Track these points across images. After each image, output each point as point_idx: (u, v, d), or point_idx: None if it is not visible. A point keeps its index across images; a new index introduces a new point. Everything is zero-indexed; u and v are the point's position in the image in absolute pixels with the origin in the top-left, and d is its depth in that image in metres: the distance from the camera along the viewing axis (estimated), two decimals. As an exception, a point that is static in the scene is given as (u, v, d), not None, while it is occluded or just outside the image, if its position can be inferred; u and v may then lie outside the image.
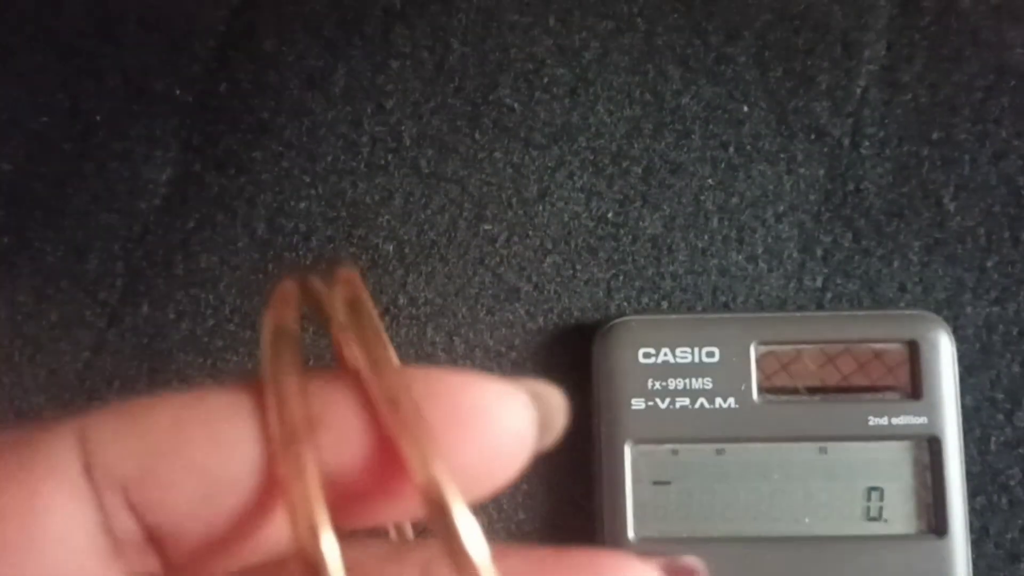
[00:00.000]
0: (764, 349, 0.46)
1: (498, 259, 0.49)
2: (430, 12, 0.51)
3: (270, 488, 0.20)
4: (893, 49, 0.50)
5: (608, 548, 0.40)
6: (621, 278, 0.49)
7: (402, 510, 0.21)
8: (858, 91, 0.50)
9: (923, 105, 0.50)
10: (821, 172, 0.49)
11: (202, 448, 0.20)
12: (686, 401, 0.45)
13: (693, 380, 0.45)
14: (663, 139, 0.50)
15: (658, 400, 0.45)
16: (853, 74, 0.50)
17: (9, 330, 0.49)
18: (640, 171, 0.50)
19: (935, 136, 0.49)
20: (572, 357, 0.48)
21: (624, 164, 0.50)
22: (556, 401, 0.22)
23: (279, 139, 0.50)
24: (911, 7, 0.50)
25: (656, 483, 0.45)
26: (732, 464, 0.45)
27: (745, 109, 0.50)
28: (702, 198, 0.49)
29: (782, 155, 0.49)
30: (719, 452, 0.45)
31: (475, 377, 0.21)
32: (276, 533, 0.20)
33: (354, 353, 0.21)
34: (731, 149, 0.50)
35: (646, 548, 0.44)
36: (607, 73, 0.50)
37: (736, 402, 0.45)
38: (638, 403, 0.45)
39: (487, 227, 0.49)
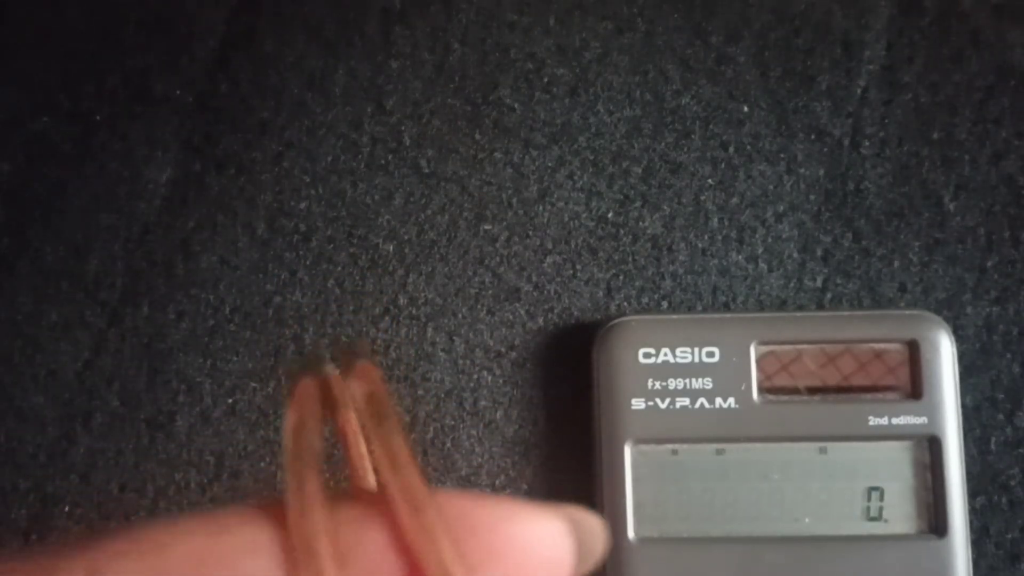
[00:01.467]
0: (764, 349, 0.45)
1: (498, 259, 0.49)
2: (430, 13, 0.51)
3: None
4: (893, 49, 0.50)
5: (614, 538, 0.44)
6: (621, 278, 0.49)
7: None
8: (858, 91, 0.50)
9: (923, 105, 0.50)
10: (821, 172, 0.49)
11: None
12: (686, 401, 0.45)
13: (693, 380, 0.45)
14: (663, 139, 0.50)
15: (658, 400, 0.45)
16: (853, 74, 0.50)
17: (9, 330, 0.49)
18: (640, 171, 0.50)
19: (935, 136, 0.49)
20: (572, 357, 0.48)
21: (624, 164, 0.50)
22: (594, 527, 0.22)
23: (279, 139, 0.50)
24: (911, 7, 0.50)
25: (656, 483, 0.45)
26: (732, 464, 0.45)
27: (745, 109, 0.50)
28: (702, 198, 0.49)
29: (782, 155, 0.49)
30: (719, 452, 0.45)
31: (511, 507, 0.20)
32: None
33: (376, 466, 0.21)
34: (731, 149, 0.50)
35: (646, 548, 0.44)
36: (607, 73, 0.50)
37: (736, 402, 0.45)
38: (638, 403, 0.45)
39: (487, 227, 0.49)
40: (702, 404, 0.45)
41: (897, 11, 0.50)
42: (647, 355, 0.45)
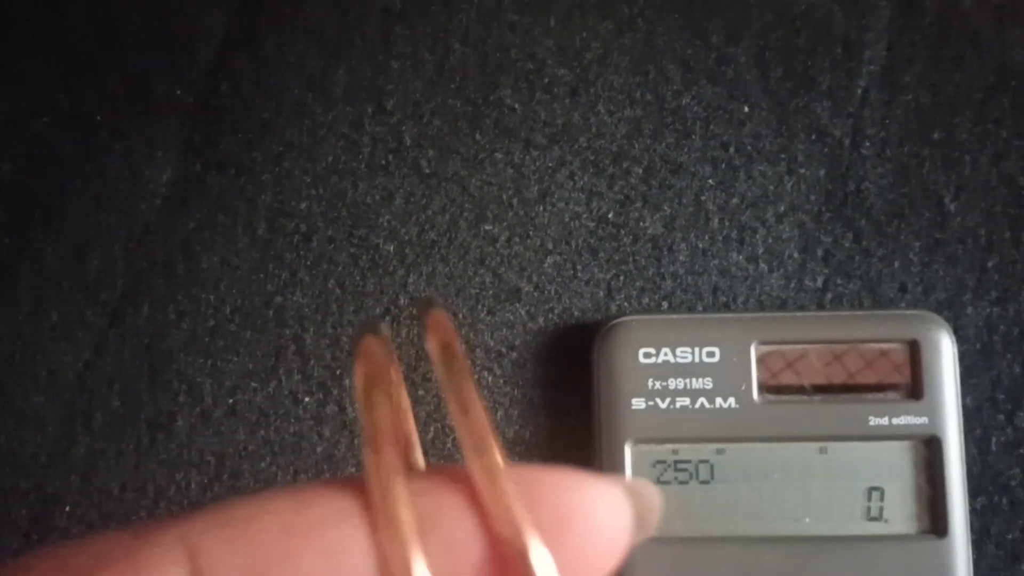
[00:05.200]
0: (765, 349, 0.45)
1: (499, 259, 0.49)
2: (430, 13, 0.51)
3: None
4: (894, 50, 0.50)
5: None
6: (622, 278, 0.49)
7: None
8: (859, 92, 0.50)
9: (924, 106, 0.50)
10: (822, 172, 0.49)
11: (313, 558, 0.20)
12: (686, 401, 0.45)
13: (693, 380, 0.45)
14: (664, 139, 0.50)
15: (658, 400, 0.45)
16: (854, 75, 0.50)
17: (10, 331, 0.49)
18: (641, 171, 0.50)
19: (936, 136, 0.49)
20: (572, 357, 0.48)
21: (625, 164, 0.50)
22: (651, 497, 0.23)
23: (280, 140, 0.50)
24: (912, 8, 0.50)
25: (657, 483, 0.45)
26: (732, 464, 0.45)
27: (746, 109, 0.50)
28: (703, 198, 0.49)
29: (783, 155, 0.49)
30: (719, 452, 0.45)
31: (576, 477, 0.21)
32: None
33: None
34: (732, 149, 0.50)
35: (647, 547, 0.44)
36: (608, 74, 0.50)
37: (736, 402, 0.45)
38: (638, 403, 0.45)
39: (488, 227, 0.49)
40: (702, 404, 0.45)
41: (898, 12, 0.50)
42: (647, 355, 0.45)
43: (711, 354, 0.45)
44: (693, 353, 0.45)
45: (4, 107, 0.51)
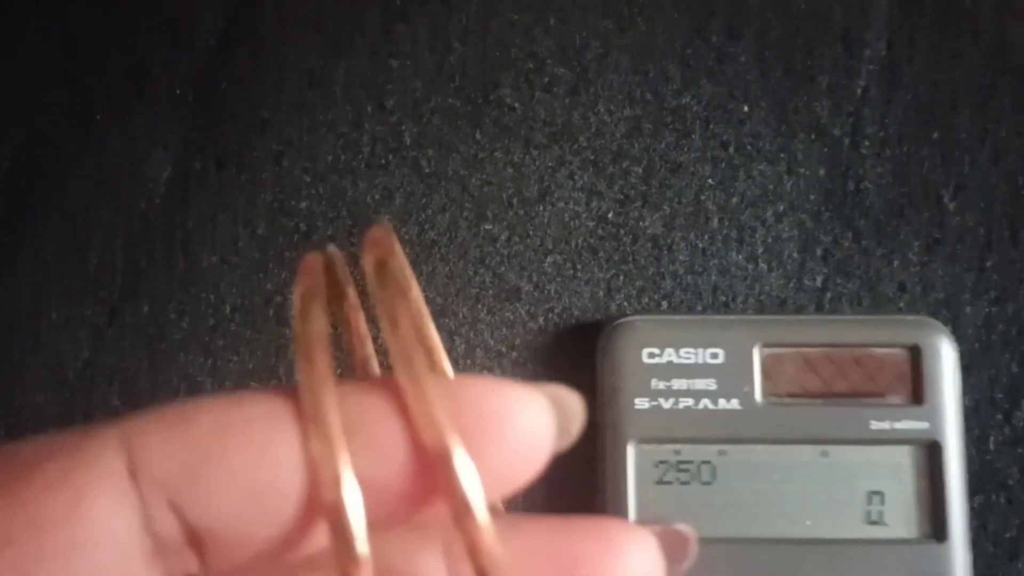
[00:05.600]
0: (768, 352, 0.45)
1: (499, 259, 0.49)
2: (430, 11, 0.51)
3: (310, 493, 0.21)
4: (893, 47, 0.50)
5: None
6: (621, 278, 0.49)
7: (430, 512, 0.22)
8: (858, 90, 0.50)
9: (923, 104, 0.50)
10: (821, 172, 0.49)
11: (246, 454, 0.21)
12: (690, 401, 0.45)
13: (697, 381, 0.45)
14: (663, 139, 0.50)
15: (662, 400, 0.45)
16: (853, 73, 0.50)
17: (9, 328, 0.49)
18: (640, 171, 0.50)
19: (935, 135, 0.49)
20: (573, 356, 0.48)
21: (624, 164, 0.50)
22: (574, 405, 0.24)
23: (279, 138, 0.50)
24: (911, 5, 0.50)
25: (659, 483, 0.45)
26: (734, 465, 0.45)
27: (745, 108, 0.50)
28: (702, 198, 0.49)
29: (782, 155, 0.49)
30: (721, 453, 0.45)
31: (498, 383, 0.22)
32: (315, 537, 0.21)
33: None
34: (731, 149, 0.50)
35: None
36: (607, 73, 0.50)
37: (739, 404, 0.45)
38: (642, 402, 0.45)
39: (488, 227, 0.49)
40: (705, 405, 0.45)
41: (897, 9, 0.50)
42: (651, 355, 0.45)
43: (715, 355, 0.45)
44: (697, 354, 0.45)
45: (3, 101, 0.51)
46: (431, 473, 0.21)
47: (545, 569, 0.23)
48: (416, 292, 0.24)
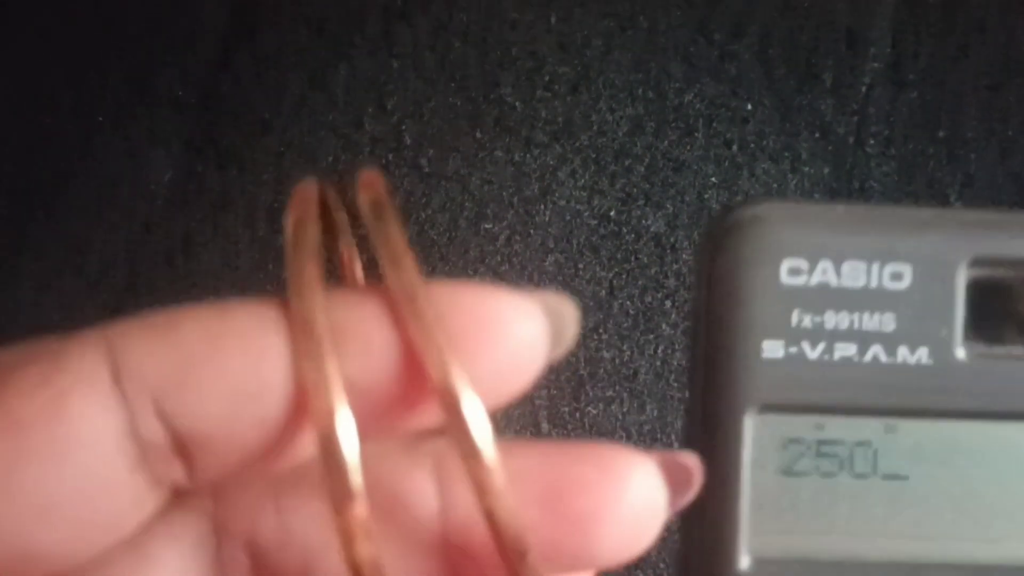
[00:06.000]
0: (982, 273, 0.29)
1: (499, 258, 0.49)
2: (431, 10, 0.51)
3: (298, 397, 0.20)
4: (898, 45, 0.50)
5: (717, 570, 0.29)
6: (624, 277, 0.49)
7: (422, 419, 0.21)
8: (863, 88, 0.49)
9: (929, 102, 0.49)
10: (826, 170, 0.49)
11: (234, 356, 0.20)
12: (850, 349, 0.29)
13: (866, 316, 0.29)
14: (666, 137, 0.50)
15: (805, 345, 0.29)
16: (858, 71, 0.50)
17: (11, 328, 0.49)
18: (643, 169, 0.49)
19: (941, 133, 0.49)
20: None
21: (626, 162, 0.49)
22: (568, 312, 0.23)
23: (280, 138, 0.50)
24: (916, 2, 0.50)
25: (787, 474, 0.29)
26: (909, 450, 0.29)
27: (749, 107, 0.49)
28: (705, 196, 0.49)
29: (786, 153, 0.49)
30: (889, 430, 0.29)
31: (491, 288, 0.21)
32: (303, 443, 0.21)
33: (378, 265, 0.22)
34: (735, 147, 0.49)
35: (761, 571, 0.30)
36: (609, 71, 0.50)
37: (930, 355, 0.28)
38: (773, 348, 0.29)
39: (488, 226, 0.49)
40: (875, 356, 0.28)
41: (902, 6, 0.50)
42: (795, 271, 0.28)
43: (897, 276, 0.29)
44: (870, 272, 0.29)
45: (6, 102, 0.51)
46: (423, 378, 0.20)
47: (539, 493, 0.22)
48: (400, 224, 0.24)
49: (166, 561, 0.23)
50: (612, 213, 0.49)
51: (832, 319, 0.28)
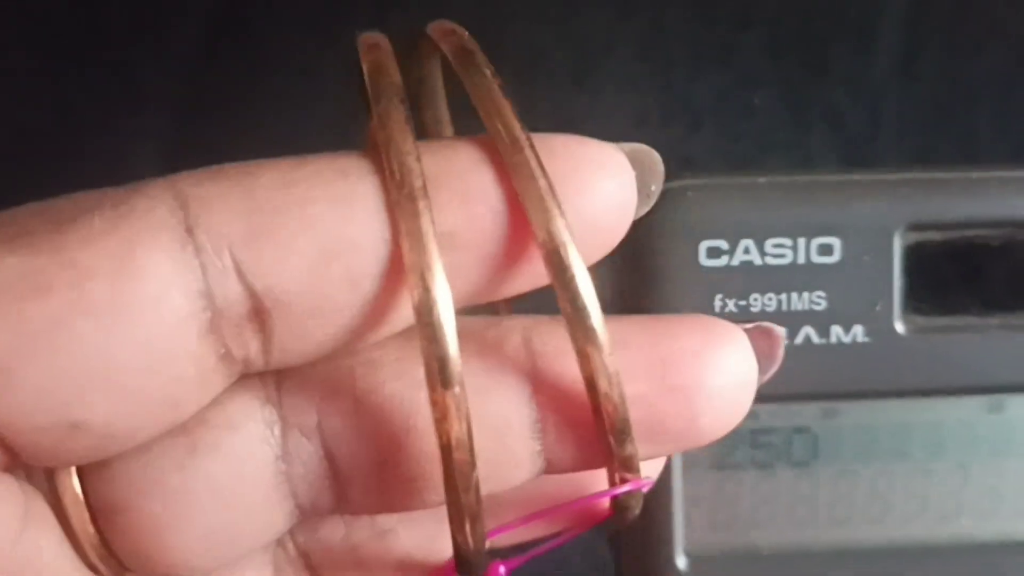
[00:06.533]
0: (917, 238, 0.27)
1: (499, 256, 0.48)
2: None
3: (390, 255, 0.19)
4: (911, 38, 0.49)
5: (652, 569, 0.28)
6: (627, 276, 0.47)
7: (524, 279, 0.21)
8: (875, 82, 0.49)
9: (942, 96, 0.48)
10: (837, 165, 0.48)
11: (318, 205, 0.19)
12: None
13: (794, 296, 0.27)
14: (672, 131, 0.49)
15: None
16: (870, 64, 0.49)
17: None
18: (648, 164, 0.48)
19: (954, 128, 0.48)
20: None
21: (630, 157, 0.48)
22: (654, 163, 0.23)
23: (271, 133, 0.49)
24: (929, -6, 0.49)
25: (718, 468, 0.28)
26: (850, 434, 0.28)
27: (756, 100, 0.49)
28: (712, 193, 0.48)
29: (796, 148, 0.48)
30: (827, 415, 0.28)
31: (582, 138, 0.21)
32: (393, 310, 0.19)
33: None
34: (743, 141, 0.49)
35: (702, 572, 0.29)
36: (612, 62, 0.49)
37: (866, 332, 0.27)
38: None
39: (487, 223, 0.48)
40: (807, 337, 0.27)
41: (914, -2, 0.49)
42: (714, 252, 0.27)
43: (826, 249, 0.27)
44: (795, 248, 0.26)
45: (-14, 101, 0.50)
46: (526, 234, 0.19)
47: (642, 365, 0.21)
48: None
49: (223, 453, 0.20)
50: (616, 209, 0.48)
51: (758, 302, 0.27)
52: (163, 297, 0.18)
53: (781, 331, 0.23)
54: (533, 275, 0.20)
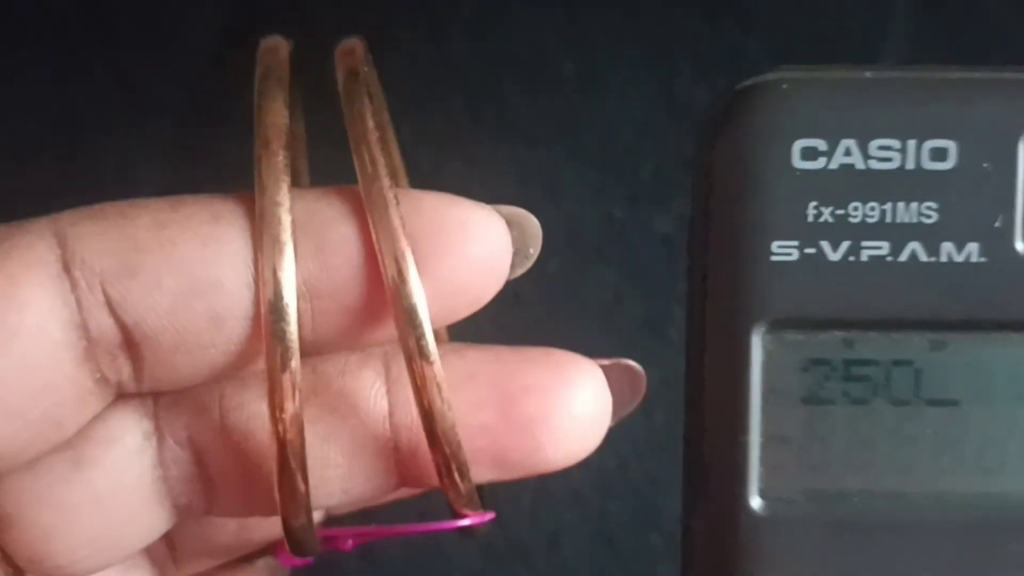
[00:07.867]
0: None
1: (501, 260, 0.48)
2: (430, 4, 0.50)
3: (254, 298, 0.20)
4: (915, 45, 0.49)
5: (725, 511, 0.25)
6: (630, 280, 0.48)
7: (386, 330, 0.21)
8: (879, 86, 0.49)
9: (947, 102, 0.48)
10: (841, 169, 0.48)
11: (187, 246, 0.20)
12: (882, 247, 0.23)
13: (900, 206, 0.23)
14: (674, 135, 0.48)
15: (825, 245, 0.23)
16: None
17: None
18: (650, 168, 0.49)
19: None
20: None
21: (633, 161, 0.49)
22: (532, 227, 0.24)
23: (275, 139, 0.49)
24: (934, 0, 0.49)
25: (807, 401, 0.24)
26: (960, 369, 0.24)
27: (760, 103, 0.49)
28: (715, 197, 0.48)
29: (800, 152, 0.48)
30: (935, 347, 0.24)
31: (456, 198, 0.22)
32: (260, 349, 0.20)
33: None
34: (746, 145, 0.48)
35: (781, 517, 0.25)
36: (615, 66, 0.49)
37: (982, 251, 0.23)
38: (785, 249, 0.23)
39: (490, 227, 0.48)
40: (913, 254, 0.23)
41: (919, 4, 0.49)
42: (810, 153, 0.23)
43: (940, 154, 0.23)
44: (905, 151, 0.23)
45: (-9, 110, 0.50)
46: (382, 288, 0.20)
47: (488, 396, 0.22)
48: (383, 107, 0.24)
49: (104, 465, 0.22)
50: (618, 213, 0.48)
51: (858, 211, 0.23)
52: (41, 328, 0.20)
53: (639, 370, 0.25)
54: (391, 327, 0.21)
